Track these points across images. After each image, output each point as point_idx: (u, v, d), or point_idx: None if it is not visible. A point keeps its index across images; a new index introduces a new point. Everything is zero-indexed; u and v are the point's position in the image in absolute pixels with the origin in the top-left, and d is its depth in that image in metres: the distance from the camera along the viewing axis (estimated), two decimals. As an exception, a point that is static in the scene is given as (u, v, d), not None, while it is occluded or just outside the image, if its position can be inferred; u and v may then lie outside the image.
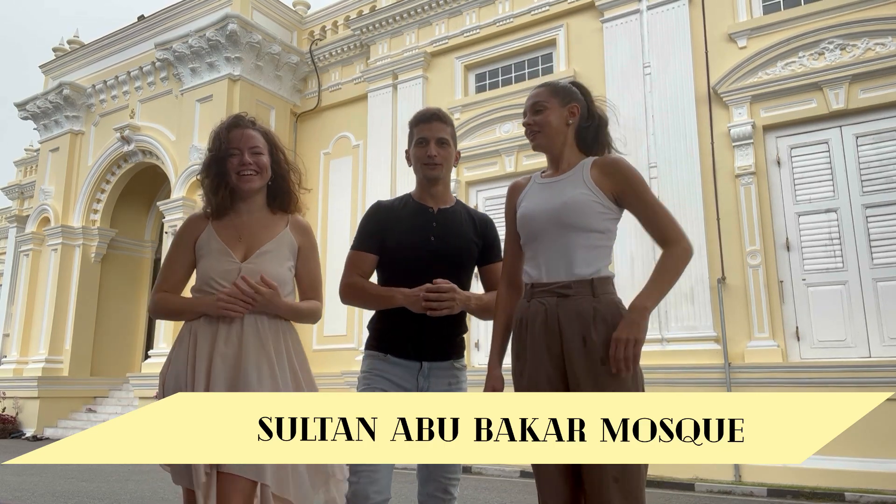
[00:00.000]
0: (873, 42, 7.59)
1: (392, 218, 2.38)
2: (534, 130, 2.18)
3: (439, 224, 2.37)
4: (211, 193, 2.26)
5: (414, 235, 2.34)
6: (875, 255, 7.38)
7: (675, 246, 2.01)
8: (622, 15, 9.31)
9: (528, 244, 2.14)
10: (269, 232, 2.25)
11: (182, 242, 2.27)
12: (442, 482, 2.22)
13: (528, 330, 2.04)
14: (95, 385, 13.85)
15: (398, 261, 2.33)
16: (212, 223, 2.25)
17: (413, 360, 2.28)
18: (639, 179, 2.09)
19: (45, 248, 14.32)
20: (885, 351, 7.12)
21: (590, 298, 1.98)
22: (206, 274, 2.17)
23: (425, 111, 2.46)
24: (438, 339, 2.31)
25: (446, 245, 2.34)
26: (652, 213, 2.05)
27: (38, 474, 7.36)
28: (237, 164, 2.20)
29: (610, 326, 1.95)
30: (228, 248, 2.19)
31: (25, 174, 20.20)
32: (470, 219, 2.45)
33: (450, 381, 2.31)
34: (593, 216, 2.04)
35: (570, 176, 2.11)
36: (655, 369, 7.79)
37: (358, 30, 11.98)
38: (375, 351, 2.33)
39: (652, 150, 8.71)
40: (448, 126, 2.43)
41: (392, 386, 2.25)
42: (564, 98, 2.16)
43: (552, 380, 1.99)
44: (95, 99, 14.52)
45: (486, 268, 2.43)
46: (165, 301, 2.23)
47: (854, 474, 6.54)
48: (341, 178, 12.36)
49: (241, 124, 2.27)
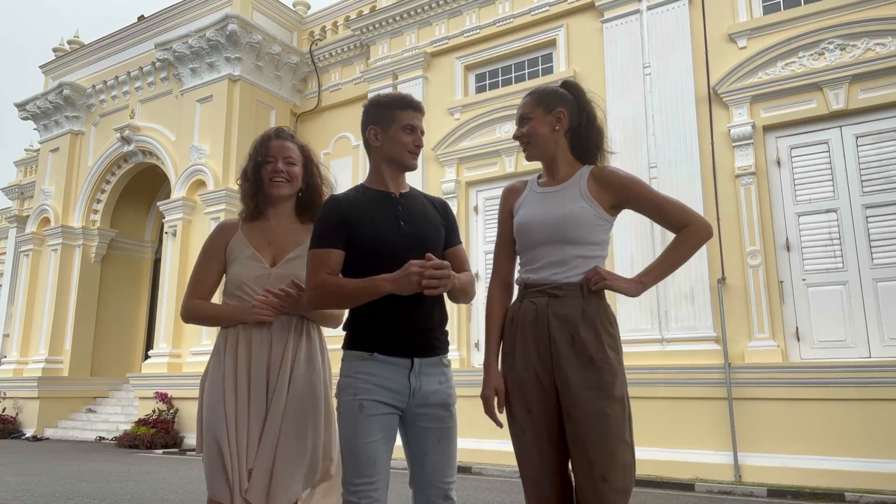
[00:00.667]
0: (873, 42, 7.59)
1: (353, 208, 2.18)
2: (524, 142, 2.23)
3: (405, 209, 2.21)
4: (248, 198, 2.42)
5: (382, 223, 2.16)
6: (875, 255, 7.38)
7: (688, 227, 2.06)
8: (622, 15, 9.31)
9: (525, 251, 2.18)
10: (297, 238, 2.37)
11: (213, 249, 2.38)
12: (442, 488, 2.09)
13: (519, 328, 2.09)
14: (95, 385, 13.86)
15: (368, 252, 2.12)
16: (241, 229, 2.39)
17: (404, 357, 2.09)
18: (636, 182, 2.12)
19: (45, 248, 14.33)
20: (885, 351, 7.12)
21: (579, 300, 2.04)
22: (238, 279, 2.30)
23: (410, 98, 2.27)
24: (430, 331, 2.15)
25: (417, 228, 2.18)
26: (658, 207, 2.10)
27: (38, 475, 7.36)
28: (270, 170, 2.36)
29: (597, 328, 2.01)
30: (259, 253, 2.32)
31: (25, 174, 20.21)
32: (429, 202, 2.32)
33: (440, 380, 2.14)
34: (591, 229, 2.08)
35: (568, 187, 2.14)
36: (655, 369, 7.80)
37: (358, 30, 11.98)
38: (359, 350, 2.11)
39: (652, 150, 8.71)
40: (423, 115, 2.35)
41: (383, 392, 2.05)
42: (549, 105, 2.18)
43: (541, 377, 2.03)
44: (95, 99, 14.52)
45: (449, 251, 2.26)
46: (200, 308, 2.36)
47: (854, 474, 6.54)
48: (342, 178, 12.34)
49: (280, 136, 2.44)
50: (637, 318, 8.22)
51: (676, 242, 2.08)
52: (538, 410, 2.03)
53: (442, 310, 2.22)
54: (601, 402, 1.93)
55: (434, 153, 10.68)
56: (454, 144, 10.56)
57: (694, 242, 2.07)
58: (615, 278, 2.06)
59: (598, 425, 1.91)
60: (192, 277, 2.40)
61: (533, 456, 2.03)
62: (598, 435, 1.91)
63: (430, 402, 2.10)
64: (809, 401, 6.98)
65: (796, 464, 6.86)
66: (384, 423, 2.04)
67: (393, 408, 2.07)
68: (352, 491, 2.00)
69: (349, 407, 2.05)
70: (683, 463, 7.35)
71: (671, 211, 2.09)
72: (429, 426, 2.09)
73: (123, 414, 12.62)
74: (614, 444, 1.90)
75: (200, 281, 2.38)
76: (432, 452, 2.08)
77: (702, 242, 2.08)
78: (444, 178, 10.48)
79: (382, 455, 2.03)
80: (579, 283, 2.04)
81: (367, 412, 2.02)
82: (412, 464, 2.12)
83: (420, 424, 2.09)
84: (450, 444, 2.12)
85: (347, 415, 2.05)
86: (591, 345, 1.98)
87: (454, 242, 2.30)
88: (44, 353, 13.55)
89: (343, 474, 2.03)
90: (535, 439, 2.03)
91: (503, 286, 2.25)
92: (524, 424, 2.05)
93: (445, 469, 2.10)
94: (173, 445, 10.77)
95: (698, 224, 2.06)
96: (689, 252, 2.09)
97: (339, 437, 2.08)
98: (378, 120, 2.24)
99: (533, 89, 2.27)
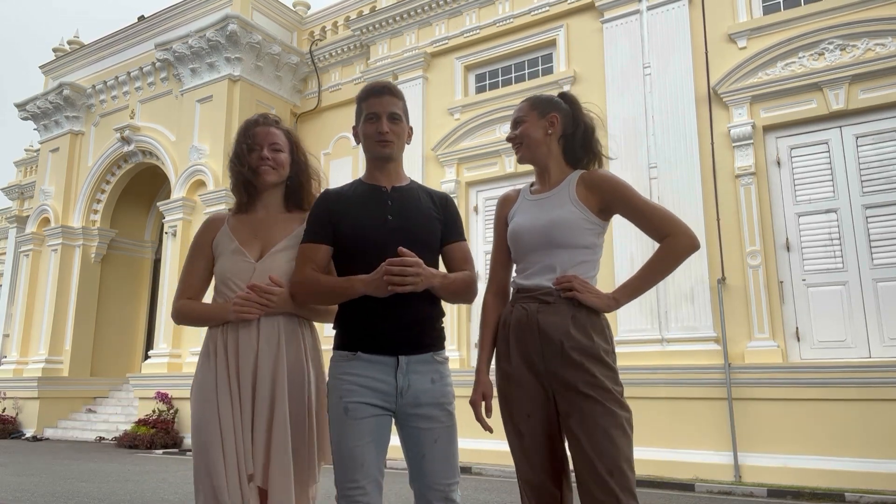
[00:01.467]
0: (873, 42, 7.59)
1: (342, 203, 2.15)
2: (516, 144, 2.26)
3: (395, 202, 2.14)
4: (235, 188, 2.35)
5: (369, 216, 2.11)
6: (875, 255, 7.38)
7: (669, 238, 2.03)
8: (622, 15, 9.31)
9: (518, 258, 2.20)
10: (285, 229, 2.27)
11: (199, 245, 2.31)
12: (442, 490, 2.02)
13: (511, 332, 2.09)
14: (95, 385, 13.85)
15: (355, 246, 2.08)
16: (228, 222, 2.31)
17: (388, 355, 2.01)
18: (624, 187, 2.11)
19: (45, 248, 14.32)
20: (885, 351, 7.12)
21: (570, 305, 2.03)
22: (222, 274, 2.22)
23: (375, 84, 2.24)
24: (415, 327, 2.05)
25: (406, 222, 2.10)
26: (643, 214, 2.08)
27: (37, 475, 7.36)
28: (256, 158, 2.27)
29: (588, 331, 2.00)
30: (244, 246, 2.23)
31: (25, 174, 20.21)
32: (427, 195, 2.24)
33: (433, 378, 2.05)
34: (580, 233, 2.07)
35: (557, 193, 2.15)
36: (655, 370, 7.80)
37: (358, 30, 11.98)
38: (342, 350, 2.07)
39: (652, 150, 8.70)
40: (400, 100, 2.22)
41: (368, 392, 1.99)
42: (543, 109, 2.21)
43: (536, 381, 2.03)
44: (95, 99, 14.52)
45: (448, 247, 2.18)
46: (187, 308, 2.27)
47: (854, 475, 6.54)
48: (342, 178, 12.20)
49: (265, 122, 2.35)
50: (637, 319, 8.23)
51: (657, 254, 2.04)
52: (536, 414, 2.02)
53: (433, 304, 2.11)
54: (600, 402, 1.92)
55: (434, 153, 10.68)
56: (454, 145, 10.56)
57: (675, 255, 2.02)
58: (587, 291, 2.02)
59: (599, 424, 1.90)
60: (181, 278, 2.33)
61: (533, 460, 2.02)
62: (599, 433, 1.90)
63: (422, 402, 2.02)
64: (809, 401, 6.98)
65: (796, 464, 6.86)
66: (372, 426, 1.99)
67: (382, 409, 2.01)
68: (342, 494, 1.97)
69: (336, 409, 2.01)
70: (683, 463, 7.35)
71: (656, 219, 2.05)
72: (423, 427, 2.02)
73: (123, 414, 12.62)
74: (618, 440, 1.89)
75: (188, 280, 2.30)
76: (429, 454, 2.02)
77: (684, 255, 2.02)
78: (444, 179, 10.48)
79: (371, 458, 1.97)
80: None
81: (352, 415, 1.98)
82: (411, 465, 2.07)
83: (413, 425, 2.03)
84: (448, 446, 2.04)
85: (334, 418, 2.02)
86: (583, 346, 1.98)
87: (454, 238, 2.21)
88: (44, 354, 13.55)
89: (335, 477, 2.01)
90: (534, 443, 2.02)
91: (498, 293, 2.27)
92: (522, 428, 2.04)
93: (445, 471, 2.03)
94: (173, 445, 10.77)
95: (681, 235, 2.01)
96: (670, 265, 2.04)
97: (330, 439, 2.06)
98: (357, 116, 2.27)
99: (528, 97, 2.31)
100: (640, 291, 2.08)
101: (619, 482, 1.86)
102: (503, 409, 2.10)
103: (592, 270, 2.11)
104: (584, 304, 2.01)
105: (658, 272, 2.05)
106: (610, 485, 1.86)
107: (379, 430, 2.01)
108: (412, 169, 10.10)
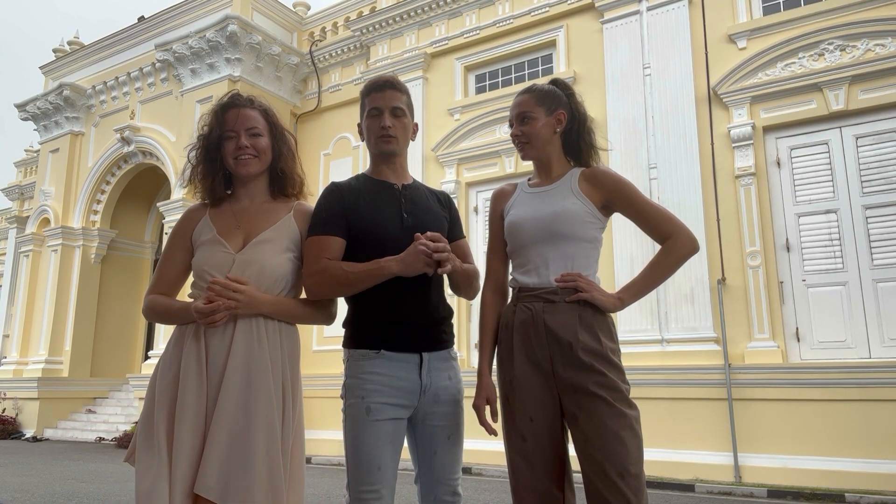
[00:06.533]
0: (873, 43, 7.59)
1: (354, 197, 2.07)
2: (522, 142, 2.17)
3: (408, 201, 2.11)
4: (201, 179, 2.09)
5: (385, 215, 2.05)
6: (875, 255, 7.38)
7: (670, 240, 2.02)
8: (622, 16, 9.31)
9: (516, 252, 2.14)
10: (270, 219, 2.05)
11: (177, 236, 2.09)
12: (450, 484, 2.03)
13: (515, 334, 2.04)
14: (95, 386, 13.85)
15: (371, 244, 2.00)
16: (209, 212, 2.09)
17: (413, 353, 1.98)
18: (626, 185, 2.09)
19: (45, 248, 14.32)
20: (885, 352, 7.12)
21: (575, 304, 1.99)
22: (199, 266, 1.99)
23: (378, 78, 2.15)
24: (437, 322, 2.05)
25: (422, 223, 2.07)
26: (644, 214, 2.06)
27: (37, 475, 7.36)
28: (233, 148, 2.03)
29: (594, 332, 1.96)
30: (225, 237, 2.01)
31: (25, 175, 20.22)
32: (432, 194, 2.24)
33: (449, 375, 2.06)
34: (583, 225, 2.04)
35: (559, 186, 2.12)
36: (655, 370, 7.80)
37: (358, 31, 11.98)
38: (364, 349, 1.98)
39: (652, 150, 8.70)
40: (404, 94, 2.14)
41: (393, 392, 1.94)
42: (551, 106, 2.15)
43: (539, 384, 1.98)
44: (95, 100, 14.52)
45: (452, 245, 2.13)
46: (153, 304, 2.03)
47: (854, 475, 6.54)
48: (341, 179, 12.35)
49: (237, 103, 2.07)
50: (637, 319, 8.22)
51: (658, 256, 2.03)
52: (541, 417, 1.97)
53: (445, 302, 2.15)
54: (609, 403, 1.89)
55: (434, 153, 10.68)
56: (454, 145, 10.57)
57: (676, 256, 2.01)
58: (593, 289, 1.99)
59: (608, 425, 1.87)
60: (156, 269, 2.09)
61: (536, 465, 1.96)
62: (609, 435, 1.86)
63: (441, 400, 2.02)
64: (809, 401, 6.98)
65: (796, 464, 6.85)
66: (391, 429, 1.95)
67: (402, 409, 1.98)
68: (356, 498, 1.92)
69: (356, 409, 1.94)
70: (683, 463, 7.35)
71: (656, 219, 2.04)
72: (440, 424, 2.03)
73: (123, 414, 12.62)
74: (627, 442, 1.86)
75: (162, 273, 2.06)
76: (441, 451, 2.02)
77: (685, 257, 2.01)
78: (444, 179, 10.48)
79: (388, 462, 1.93)
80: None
81: (374, 416, 1.93)
82: (420, 463, 2.06)
83: (431, 423, 2.02)
84: (458, 441, 2.07)
85: (353, 418, 1.95)
86: (592, 347, 1.94)
87: (457, 236, 2.23)
88: (44, 354, 13.54)
89: (348, 480, 1.95)
90: (538, 447, 1.97)
91: (497, 290, 2.21)
92: (526, 433, 1.98)
93: (454, 465, 2.05)
94: (173, 446, 10.74)
95: (682, 236, 2.00)
96: (672, 267, 2.03)
97: (344, 441, 1.96)
98: (360, 111, 2.22)
99: (529, 87, 2.21)
100: (643, 293, 2.07)
101: (629, 484, 1.82)
102: (505, 412, 2.05)
103: (593, 267, 2.09)
104: (592, 302, 1.98)
105: (660, 274, 2.04)
106: (621, 488, 1.82)
107: (396, 433, 1.98)
108: (412, 169, 10.07)
